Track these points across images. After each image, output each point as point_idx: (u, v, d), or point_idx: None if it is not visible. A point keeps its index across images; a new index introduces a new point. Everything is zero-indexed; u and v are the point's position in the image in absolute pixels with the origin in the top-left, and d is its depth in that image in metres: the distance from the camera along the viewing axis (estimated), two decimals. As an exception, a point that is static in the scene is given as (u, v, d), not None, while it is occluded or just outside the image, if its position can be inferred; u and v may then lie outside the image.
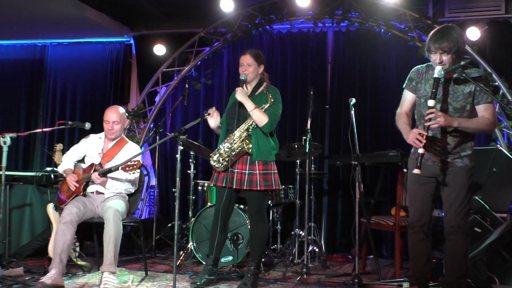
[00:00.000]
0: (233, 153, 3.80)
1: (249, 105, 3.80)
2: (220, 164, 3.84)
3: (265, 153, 3.83)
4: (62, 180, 4.30)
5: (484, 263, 3.81)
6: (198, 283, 3.83)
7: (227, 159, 3.82)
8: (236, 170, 3.83)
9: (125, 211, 4.00)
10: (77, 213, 3.82)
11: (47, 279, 3.55)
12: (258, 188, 3.78)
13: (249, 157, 3.84)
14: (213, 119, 4.01)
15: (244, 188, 3.80)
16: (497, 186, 4.51)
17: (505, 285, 3.69)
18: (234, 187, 3.82)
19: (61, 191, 4.27)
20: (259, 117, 3.77)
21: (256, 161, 3.82)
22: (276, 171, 3.92)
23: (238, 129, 3.85)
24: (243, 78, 3.91)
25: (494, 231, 4.04)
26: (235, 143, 3.81)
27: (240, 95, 3.82)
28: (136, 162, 3.71)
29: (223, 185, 3.87)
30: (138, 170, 3.85)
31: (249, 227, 4.67)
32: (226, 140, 3.86)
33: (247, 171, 3.81)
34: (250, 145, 3.79)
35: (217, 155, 3.86)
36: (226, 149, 3.82)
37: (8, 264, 4.32)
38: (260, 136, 3.83)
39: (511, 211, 4.75)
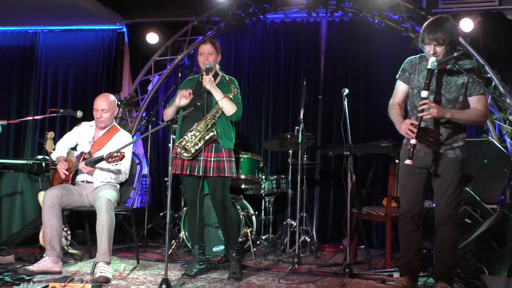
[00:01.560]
0: (203, 141, 3.80)
1: (217, 94, 3.82)
2: (189, 152, 3.80)
3: (229, 141, 3.89)
4: (55, 167, 4.29)
5: (474, 254, 3.84)
6: (190, 274, 3.84)
7: (195, 147, 3.79)
8: (201, 158, 3.82)
9: (116, 200, 3.98)
10: (57, 196, 3.80)
11: (33, 266, 3.60)
12: (226, 174, 3.83)
13: (214, 145, 3.85)
14: (186, 101, 3.88)
15: (211, 175, 3.81)
16: (488, 178, 4.54)
17: (494, 276, 3.73)
18: (200, 174, 3.81)
19: (54, 179, 4.27)
20: (228, 106, 3.81)
21: (223, 149, 3.85)
22: (234, 159, 3.97)
23: (205, 116, 3.82)
24: (207, 66, 3.87)
25: (484, 222, 4.07)
26: (202, 131, 3.79)
27: (209, 84, 3.82)
28: (118, 154, 3.67)
29: (187, 173, 3.84)
30: (122, 162, 3.80)
31: (241, 216, 4.70)
32: (194, 128, 3.82)
33: (213, 159, 3.83)
34: (216, 133, 3.81)
35: (183, 143, 3.80)
36: (192, 137, 3.80)
37: (-1, 252, 4.31)
38: (225, 124, 3.88)
39: (501, 203, 4.79)
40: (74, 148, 4.31)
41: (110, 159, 3.68)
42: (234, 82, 3.99)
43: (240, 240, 4.65)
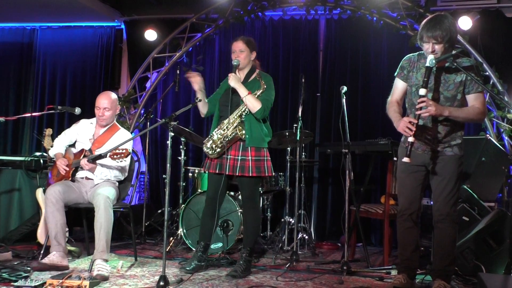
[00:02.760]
0: (227, 139, 3.79)
1: (242, 91, 3.78)
2: (214, 151, 3.83)
3: (258, 140, 3.83)
4: (53, 164, 4.28)
5: (471, 252, 3.85)
6: (188, 268, 3.86)
7: (220, 146, 3.81)
8: (229, 156, 3.82)
9: (115, 197, 3.97)
10: (60, 192, 3.80)
11: (46, 259, 3.64)
12: (250, 174, 3.78)
13: (242, 143, 3.83)
14: (196, 83, 3.93)
15: (236, 174, 3.80)
16: (486, 176, 4.55)
17: (491, 273, 3.74)
18: (226, 173, 3.81)
19: (52, 175, 4.25)
20: (252, 103, 3.76)
21: (249, 148, 3.81)
22: (269, 158, 3.92)
23: (231, 115, 3.83)
24: (235, 63, 3.89)
25: (482, 220, 4.08)
26: (228, 130, 3.80)
27: (234, 81, 3.80)
28: (124, 151, 3.65)
29: (216, 171, 3.86)
30: (126, 159, 3.82)
31: (239, 214, 4.70)
32: (219, 127, 3.85)
33: (239, 157, 3.81)
34: (243, 132, 3.78)
35: (210, 141, 3.84)
36: (219, 136, 3.81)
37: (-3, 248, 4.30)
38: (253, 122, 3.83)
39: (499, 200, 4.80)
40: (73, 145, 4.30)
41: (114, 156, 3.67)
42: (267, 79, 3.94)
43: (238, 237, 4.65)
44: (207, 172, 4.00)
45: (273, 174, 4.02)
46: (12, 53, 7.45)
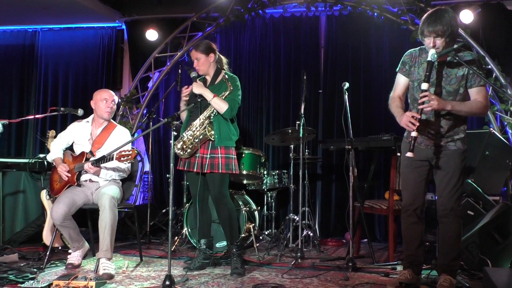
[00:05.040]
0: (196, 140, 3.89)
1: (207, 95, 3.90)
2: (184, 152, 3.94)
3: (226, 139, 3.95)
4: (52, 169, 4.26)
5: (477, 246, 3.84)
6: (192, 268, 3.89)
7: (191, 146, 3.92)
8: (197, 155, 3.94)
9: (119, 197, 3.98)
10: (65, 209, 3.77)
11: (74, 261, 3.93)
12: (220, 171, 3.89)
13: (211, 142, 3.94)
14: (185, 97, 4.11)
15: (205, 171, 3.89)
16: (490, 169, 4.54)
17: (497, 267, 3.73)
18: (195, 171, 3.92)
19: (53, 181, 4.21)
20: (219, 104, 3.88)
21: (219, 146, 3.92)
22: (235, 156, 4.03)
23: (200, 116, 3.92)
24: (193, 75, 4.01)
25: (487, 214, 4.07)
26: (197, 131, 3.90)
27: (197, 88, 3.93)
28: (131, 152, 3.62)
29: (185, 169, 4.00)
30: (133, 160, 3.83)
31: (243, 212, 4.71)
32: (189, 128, 3.95)
33: (208, 155, 3.92)
34: (212, 132, 3.89)
35: (181, 143, 3.94)
36: (189, 137, 3.92)
37: (3, 250, 4.32)
38: (222, 122, 3.94)
39: (503, 194, 4.79)
40: (70, 148, 4.27)
41: (122, 158, 3.63)
42: (232, 80, 4.03)
43: (243, 235, 4.66)
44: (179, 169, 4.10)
45: (238, 172, 4.16)
46: (14, 56, 7.48)
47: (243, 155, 5.05)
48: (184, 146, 3.92)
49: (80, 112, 4.41)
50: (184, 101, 4.10)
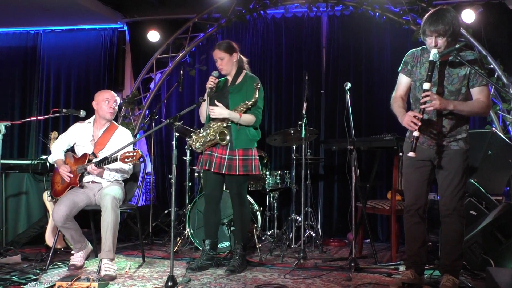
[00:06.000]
0: (207, 140, 3.89)
1: (234, 116, 3.85)
2: (197, 144, 3.96)
3: (244, 142, 3.93)
4: (53, 171, 4.26)
5: (480, 246, 3.84)
6: (193, 267, 3.90)
7: (202, 144, 3.94)
8: (216, 154, 3.92)
9: (122, 197, 3.98)
10: (66, 211, 3.77)
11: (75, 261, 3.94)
12: (237, 173, 3.88)
13: (229, 144, 3.90)
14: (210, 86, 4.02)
15: (223, 172, 3.88)
16: (492, 169, 4.53)
17: (500, 267, 3.72)
18: (212, 170, 3.90)
19: (54, 182, 4.21)
20: (247, 122, 3.91)
21: (236, 149, 3.91)
22: (256, 156, 4.00)
23: (219, 123, 3.90)
24: (215, 75, 3.95)
25: (489, 213, 4.06)
26: (211, 134, 3.90)
27: (220, 113, 3.85)
28: (135, 153, 3.63)
29: (205, 167, 3.97)
30: (137, 161, 3.83)
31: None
32: (207, 127, 3.95)
33: (226, 156, 3.90)
34: (225, 137, 3.84)
35: (195, 136, 3.98)
36: (204, 134, 3.93)
37: (6, 252, 4.32)
38: (240, 127, 3.92)
39: (506, 194, 4.78)
40: (71, 149, 4.27)
41: (126, 160, 3.64)
42: (254, 82, 3.98)
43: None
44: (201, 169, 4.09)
45: (260, 172, 4.13)
46: (16, 57, 7.49)
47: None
48: (195, 138, 3.97)
49: (82, 113, 4.41)
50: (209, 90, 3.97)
